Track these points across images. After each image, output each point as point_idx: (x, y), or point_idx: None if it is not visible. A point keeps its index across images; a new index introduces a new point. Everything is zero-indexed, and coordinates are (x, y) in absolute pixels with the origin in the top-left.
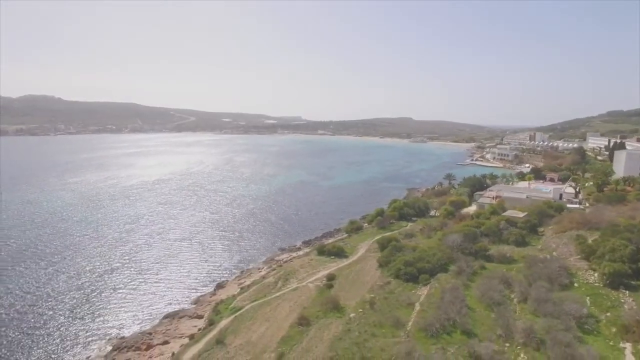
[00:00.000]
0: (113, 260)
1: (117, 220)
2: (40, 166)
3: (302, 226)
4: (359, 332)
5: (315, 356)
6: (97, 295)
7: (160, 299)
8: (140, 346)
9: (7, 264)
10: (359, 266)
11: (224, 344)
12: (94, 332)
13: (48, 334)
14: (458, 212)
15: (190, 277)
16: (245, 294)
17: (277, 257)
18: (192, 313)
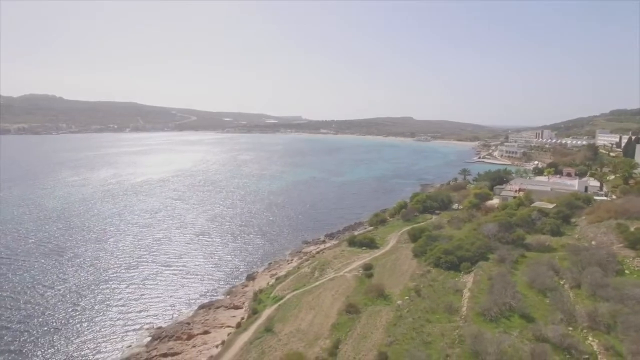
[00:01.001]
0: (136, 253)
1: (134, 214)
2: (47, 163)
3: (321, 220)
4: (412, 318)
5: (373, 342)
6: (126, 288)
7: (191, 291)
8: (180, 336)
9: (31, 257)
10: (393, 256)
11: (274, 331)
12: (129, 322)
13: (84, 325)
14: (482, 204)
15: (218, 269)
16: (284, 284)
17: (304, 249)
18: (228, 303)
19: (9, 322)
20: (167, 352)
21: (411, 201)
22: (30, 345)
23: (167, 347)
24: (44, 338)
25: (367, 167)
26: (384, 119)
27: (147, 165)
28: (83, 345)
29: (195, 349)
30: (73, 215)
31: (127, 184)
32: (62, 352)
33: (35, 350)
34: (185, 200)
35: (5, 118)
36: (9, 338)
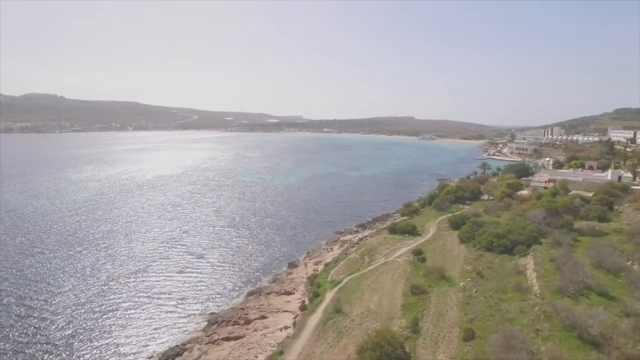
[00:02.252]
0: (167, 245)
1: (156, 208)
2: (57, 160)
3: (347, 212)
4: (483, 297)
5: (452, 320)
6: (167, 277)
7: (233, 279)
8: (237, 321)
9: (66, 248)
10: (440, 242)
11: (344, 313)
12: (178, 310)
13: (135, 313)
14: (515, 194)
15: (254, 259)
16: (337, 269)
17: (341, 239)
18: (279, 289)
19: (61, 308)
20: (228, 336)
21: (441, 192)
22: (82, 330)
23: (227, 332)
24: (96, 324)
25: (380, 164)
26: (385, 118)
27: (156, 162)
28: (139, 332)
29: (257, 332)
30: (96, 209)
31: (142, 179)
32: (120, 339)
33: (92, 336)
34: (204, 194)
35: (8, 117)
36: (62, 323)
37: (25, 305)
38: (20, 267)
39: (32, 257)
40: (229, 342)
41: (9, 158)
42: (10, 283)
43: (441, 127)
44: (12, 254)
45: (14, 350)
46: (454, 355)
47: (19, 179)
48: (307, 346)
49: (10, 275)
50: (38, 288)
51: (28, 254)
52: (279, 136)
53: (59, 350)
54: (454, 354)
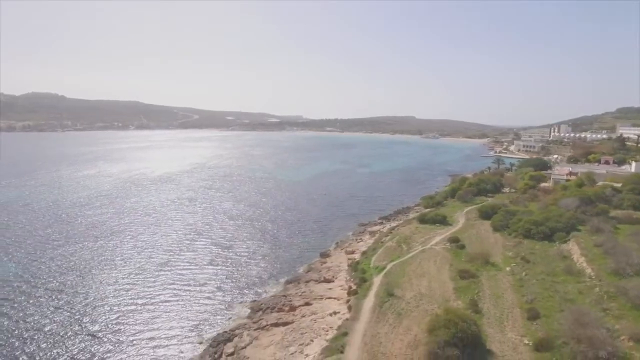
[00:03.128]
0: (191, 237)
1: (173, 202)
2: (61, 157)
3: (366, 206)
4: (536, 280)
5: (510, 301)
6: (200, 268)
7: (266, 269)
8: (282, 308)
9: (87, 240)
10: (473, 230)
11: (397, 296)
12: (218, 299)
13: (175, 302)
14: (538, 186)
15: (283, 250)
16: (377, 256)
17: (369, 229)
18: (318, 278)
19: (100, 298)
20: (277, 322)
21: (462, 184)
22: (125, 319)
23: (274, 318)
24: (137, 313)
25: (388, 161)
26: (387, 117)
27: (163, 160)
28: (182, 320)
29: (306, 318)
30: (114, 202)
31: (153, 175)
32: (164, 328)
33: (135, 325)
34: (218, 189)
35: (9, 116)
36: (102, 313)
37: (63, 296)
38: (51, 257)
39: (60, 247)
40: (278, 328)
41: (16, 155)
42: (45, 273)
43: (442, 126)
44: (40, 245)
45: (58, 340)
46: (523, 333)
47: (30, 175)
48: (369, 328)
49: (43, 265)
50: (74, 278)
51: (56, 245)
52: (281, 135)
53: (105, 339)
54: (523, 332)
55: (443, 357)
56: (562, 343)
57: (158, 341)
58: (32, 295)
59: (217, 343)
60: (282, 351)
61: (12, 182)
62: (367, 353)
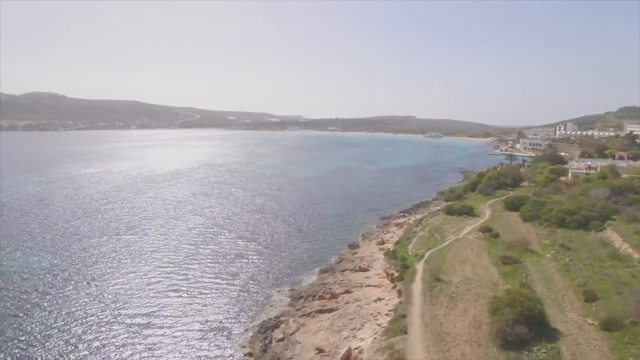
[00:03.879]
0: (213, 231)
1: (186, 197)
2: (67, 155)
3: (385, 200)
4: (582, 265)
5: (561, 284)
6: (228, 260)
7: (297, 259)
8: (323, 295)
9: (108, 234)
10: (502, 221)
11: (444, 281)
12: (255, 289)
13: (215, 291)
14: (558, 179)
15: (310, 242)
16: (412, 245)
17: (394, 221)
18: (353, 267)
19: (134, 289)
20: (321, 309)
21: (481, 178)
22: (162, 309)
23: (318, 305)
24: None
25: (395, 159)
26: (388, 117)
27: (169, 157)
28: (221, 310)
29: (350, 305)
30: (128, 198)
31: (162, 172)
32: (204, 317)
33: (174, 315)
34: (230, 185)
35: (10, 115)
36: (138, 303)
37: (97, 287)
38: (78, 249)
39: (85, 240)
40: (323, 315)
41: (22, 154)
42: (75, 264)
43: (443, 126)
44: (65, 238)
45: (99, 330)
46: (584, 314)
47: (39, 172)
48: (425, 310)
49: (72, 257)
50: (104, 269)
51: (80, 238)
52: (283, 134)
53: (149, 330)
54: (584, 313)
55: (512, 334)
56: (630, 323)
57: (202, 331)
58: (65, 286)
59: (265, 329)
60: (335, 336)
61: (24, 179)
62: (431, 333)
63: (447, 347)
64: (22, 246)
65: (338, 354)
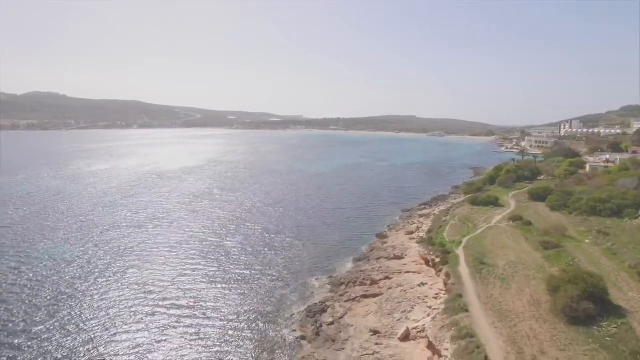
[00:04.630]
0: (236, 224)
1: (201, 192)
2: (74, 152)
3: (402, 195)
4: (627, 249)
5: (611, 266)
6: (257, 251)
7: (329, 250)
8: (363, 282)
9: (132, 226)
10: (530, 210)
11: (490, 264)
12: (291, 277)
13: (243, 283)
14: (578, 171)
15: (338, 233)
16: (446, 233)
17: (418, 213)
18: (387, 255)
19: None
20: (365, 294)
21: (499, 172)
22: (204, 298)
23: (361, 290)
24: (212, 294)
25: (404, 156)
26: (389, 117)
27: (176, 155)
28: (263, 298)
29: (394, 290)
30: (144, 192)
31: (172, 168)
32: (246, 305)
33: (216, 304)
34: (242, 181)
35: (12, 115)
36: (176, 293)
37: (132, 274)
38: (105, 240)
39: (109, 232)
40: (368, 299)
41: (28, 151)
42: (104, 254)
43: (444, 125)
44: (89, 229)
45: (144, 319)
46: None
47: (50, 168)
48: (479, 290)
49: (99, 248)
50: (135, 260)
51: (104, 230)
52: (286, 134)
53: (190, 317)
54: None
55: (579, 310)
56: None
57: (248, 318)
58: (103, 274)
59: (313, 314)
60: (386, 318)
61: (35, 174)
62: (492, 311)
63: (513, 323)
64: (53, 236)
65: (395, 334)
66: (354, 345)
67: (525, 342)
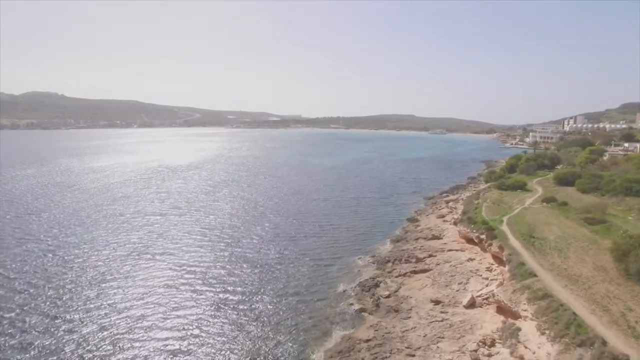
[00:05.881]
0: (260, 211)
1: (219, 184)
2: (79, 149)
3: (422, 184)
4: None
5: None
6: (294, 236)
7: (363, 233)
8: (408, 259)
9: (171, 214)
10: (562, 192)
11: (538, 237)
12: (334, 259)
13: (287, 262)
14: (599, 159)
15: (368, 220)
16: (484, 213)
17: (444, 199)
18: (426, 235)
19: (211, 263)
20: (414, 269)
21: (519, 160)
22: (266, 279)
23: (408, 267)
24: (265, 275)
25: (412, 151)
26: (388, 115)
27: (181, 151)
28: (311, 279)
29: (442, 265)
30: (160, 184)
31: (181, 163)
32: (297, 283)
33: (275, 287)
34: (257, 173)
35: (12, 114)
36: (224, 276)
37: (168, 258)
38: (130, 227)
39: (134, 220)
40: (419, 275)
41: (36, 148)
42: (133, 241)
43: (444, 124)
44: (112, 218)
45: (194, 298)
46: None
47: (59, 163)
48: (540, 260)
49: (129, 234)
50: (167, 245)
51: (127, 219)
52: (287, 132)
53: (239, 304)
54: None
55: None
56: None
57: (298, 294)
58: (138, 258)
59: (368, 288)
60: (444, 290)
61: (48, 170)
62: (560, 276)
63: (587, 286)
64: (82, 223)
65: (458, 303)
66: (419, 314)
67: (607, 301)
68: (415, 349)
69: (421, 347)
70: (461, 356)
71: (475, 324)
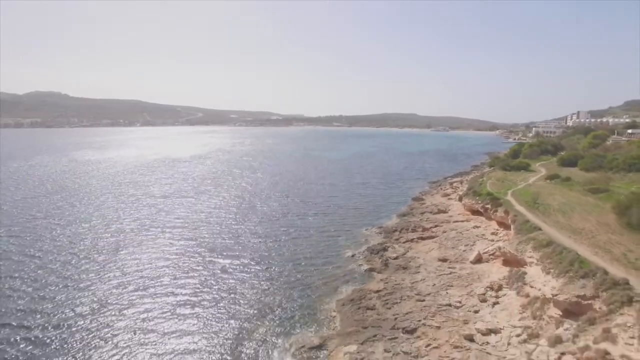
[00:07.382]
0: (283, 196)
1: (225, 173)
2: (85, 144)
3: (426, 171)
4: None
5: None
6: (305, 216)
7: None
8: (415, 229)
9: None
10: (565, 171)
11: (542, 203)
12: (339, 231)
13: (302, 238)
14: (602, 144)
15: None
16: (491, 188)
17: (449, 181)
18: (432, 210)
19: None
20: (421, 236)
21: (521, 147)
22: (276, 250)
23: (415, 235)
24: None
25: (416, 146)
26: (390, 114)
27: (186, 145)
28: (323, 251)
29: (448, 232)
30: (170, 171)
31: (187, 155)
32: (310, 254)
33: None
34: (262, 164)
35: (14, 114)
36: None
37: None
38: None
39: (149, 207)
40: (425, 241)
41: (42, 144)
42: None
43: (446, 122)
44: (130, 202)
45: (214, 280)
46: None
47: (70, 156)
48: (544, 219)
49: (145, 217)
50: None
51: (144, 204)
52: (291, 130)
53: (254, 263)
54: None
55: None
56: None
57: (310, 258)
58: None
59: (376, 251)
60: (451, 251)
61: (65, 162)
62: (564, 229)
63: (591, 235)
64: (95, 204)
65: (465, 260)
66: (427, 269)
67: (610, 246)
68: (424, 295)
69: (431, 294)
70: (469, 299)
71: (482, 274)
